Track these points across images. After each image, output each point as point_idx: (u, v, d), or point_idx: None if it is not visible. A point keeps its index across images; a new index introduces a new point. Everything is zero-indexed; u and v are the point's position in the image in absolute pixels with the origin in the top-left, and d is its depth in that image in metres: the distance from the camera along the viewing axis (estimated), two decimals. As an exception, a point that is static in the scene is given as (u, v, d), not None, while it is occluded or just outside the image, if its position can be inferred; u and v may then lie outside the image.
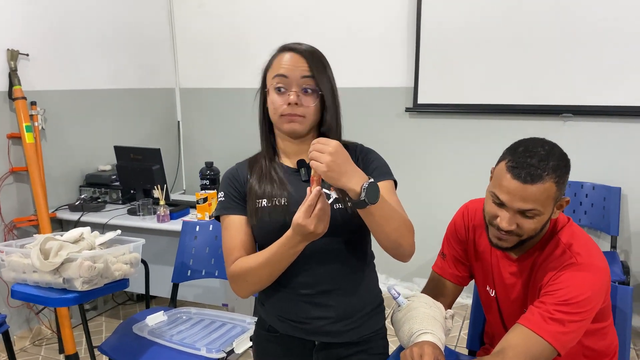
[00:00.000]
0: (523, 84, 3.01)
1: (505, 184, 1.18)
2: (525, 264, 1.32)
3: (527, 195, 1.15)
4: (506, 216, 1.19)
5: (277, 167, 1.27)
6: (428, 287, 1.51)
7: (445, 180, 3.31)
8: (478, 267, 1.45)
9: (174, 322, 2.13)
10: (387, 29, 3.30)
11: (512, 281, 1.35)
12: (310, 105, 1.18)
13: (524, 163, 1.16)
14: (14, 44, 2.71)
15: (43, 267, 1.59)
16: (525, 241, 1.24)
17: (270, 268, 1.16)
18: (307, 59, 1.19)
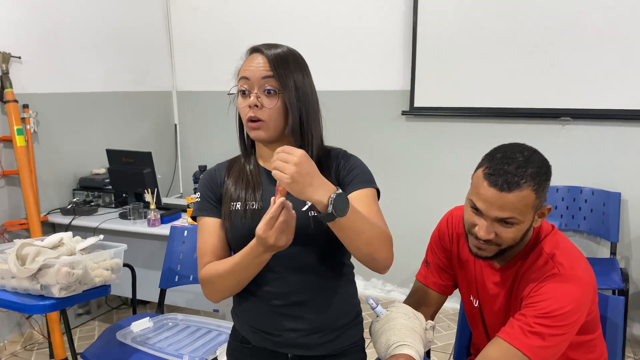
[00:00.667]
0: (521, 87, 2.96)
1: (482, 191, 1.14)
2: (509, 274, 1.27)
3: (504, 204, 1.11)
4: (484, 225, 1.15)
5: (255, 170, 1.23)
6: (411, 296, 1.47)
7: (442, 185, 3.26)
8: (462, 276, 1.41)
9: (159, 328, 2.09)
10: (383, 31, 3.26)
11: (496, 291, 1.31)
12: (270, 107, 1.13)
13: (500, 170, 1.12)
14: (5, 46, 2.70)
15: (20, 273, 1.57)
16: (506, 250, 1.20)
17: (237, 276, 1.12)
18: (270, 59, 1.14)
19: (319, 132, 1.22)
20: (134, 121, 3.60)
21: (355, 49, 3.35)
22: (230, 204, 1.20)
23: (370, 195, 1.19)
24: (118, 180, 2.89)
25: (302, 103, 1.16)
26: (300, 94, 1.15)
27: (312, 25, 3.41)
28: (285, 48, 1.19)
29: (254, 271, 1.11)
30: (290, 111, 1.14)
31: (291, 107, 1.14)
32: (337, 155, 1.25)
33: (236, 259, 1.10)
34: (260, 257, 1.06)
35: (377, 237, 1.09)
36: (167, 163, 3.92)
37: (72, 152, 3.12)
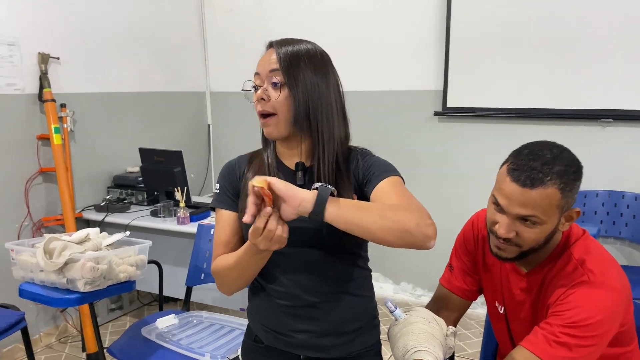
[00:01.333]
0: (559, 87, 2.85)
1: (504, 187, 1.09)
2: (535, 280, 1.21)
3: (526, 201, 1.05)
4: (504, 222, 1.10)
5: (275, 166, 1.21)
6: (434, 301, 1.42)
7: (475, 187, 3.15)
8: (487, 281, 1.35)
9: (184, 325, 2.11)
10: (416, 29, 3.20)
11: (522, 298, 1.25)
12: (274, 98, 1.10)
13: (525, 166, 1.06)
14: (45, 47, 2.79)
15: (47, 267, 1.60)
16: (528, 253, 1.14)
17: (239, 270, 1.12)
18: (278, 51, 1.12)
19: (334, 131, 1.17)
20: (168, 121, 3.65)
21: (387, 48, 3.30)
22: (247, 200, 1.19)
23: (395, 181, 1.13)
24: (150, 178, 2.94)
25: (310, 98, 1.12)
26: (309, 89, 1.12)
27: (343, 24, 3.38)
28: (303, 44, 1.16)
29: (256, 267, 1.10)
30: (293, 103, 1.11)
31: (294, 99, 1.11)
32: (356, 154, 1.21)
33: (239, 254, 1.10)
34: (257, 255, 1.06)
35: (391, 216, 0.99)
36: (200, 163, 3.97)
37: (107, 151, 3.19)
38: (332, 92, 1.16)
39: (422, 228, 0.99)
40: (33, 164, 2.79)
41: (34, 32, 2.75)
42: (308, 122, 1.13)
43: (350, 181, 1.16)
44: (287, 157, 1.21)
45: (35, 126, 2.79)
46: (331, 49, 1.22)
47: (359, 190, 1.16)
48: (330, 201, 0.98)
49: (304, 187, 1.16)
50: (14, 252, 1.76)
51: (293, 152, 1.20)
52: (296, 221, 1.07)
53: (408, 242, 0.99)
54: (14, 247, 1.77)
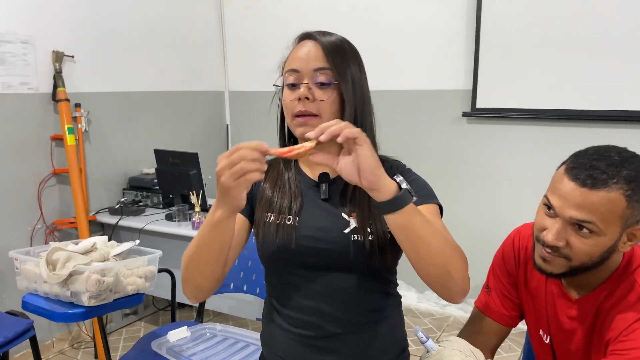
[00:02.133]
0: (600, 87, 2.65)
1: (559, 186, 0.94)
2: (588, 307, 1.05)
3: (583, 202, 0.90)
4: (555, 227, 0.95)
5: (295, 177, 1.09)
6: (468, 326, 1.27)
7: (507, 194, 2.99)
8: (529, 307, 1.20)
9: (197, 339, 1.99)
10: (443, 25, 3.04)
11: (572, 327, 1.09)
12: (323, 99, 0.99)
13: (587, 164, 0.92)
14: (59, 45, 2.71)
15: (49, 279, 1.51)
16: (578, 270, 0.98)
17: (201, 245, 0.96)
18: (324, 48, 1.00)
19: (373, 134, 1.08)
20: (186, 121, 3.56)
21: (412, 45, 3.14)
22: (265, 214, 1.06)
23: (433, 211, 1.02)
24: (165, 180, 2.85)
25: (357, 98, 1.01)
26: (357, 89, 1.01)
27: (367, 21, 3.23)
28: (339, 37, 1.05)
29: (209, 235, 0.93)
30: (347, 104, 1.00)
31: (348, 100, 1.00)
32: (390, 166, 1.08)
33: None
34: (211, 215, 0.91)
35: (451, 246, 0.92)
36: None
37: (122, 152, 3.11)
38: (369, 90, 1.07)
39: (465, 281, 0.94)
40: (46, 166, 2.71)
41: (48, 29, 2.67)
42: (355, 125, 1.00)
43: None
44: (312, 164, 1.09)
45: (49, 126, 2.71)
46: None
47: None
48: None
49: (328, 202, 1.04)
50: (18, 262, 1.67)
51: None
52: (320, 241, 0.95)
53: (444, 285, 0.92)
54: (18, 257, 1.67)
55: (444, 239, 0.91)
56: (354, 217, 1.00)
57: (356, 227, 0.98)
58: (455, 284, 0.92)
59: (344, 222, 0.99)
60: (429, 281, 0.93)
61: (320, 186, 1.05)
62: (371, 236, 0.98)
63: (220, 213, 0.89)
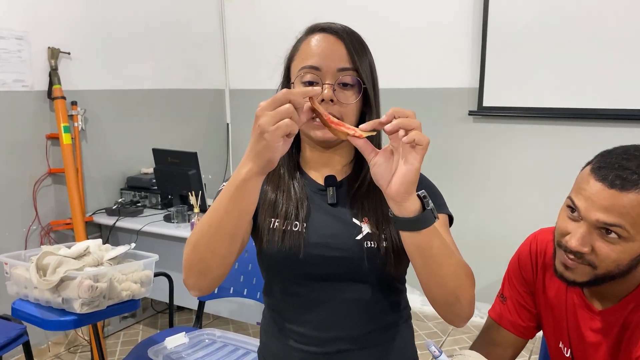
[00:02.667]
0: (611, 85, 2.57)
1: (585, 187, 0.87)
2: (613, 320, 0.98)
3: (611, 205, 0.83)
4: (579, 231, 0.87)
5: (300, 180, 1.01)
6: (482, 338, 1.20)
7: (515, 195, 2.92)
8: (548, 317, 1.12)
9: (195, 345, 1.92)
10: (451, 23, 2.96)
11: (595, 340, 1.02)
12: (350, 103, 0.92)
13: (615, 164, 0.85)
14: (55, 42, 2.64)
15: (40, 285, 1.44)
16: (603, 280, 0.91)
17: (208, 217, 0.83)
18: (346, 43, 0.92)
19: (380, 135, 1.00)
20: (186, 120, 3.49)
21: (419, 43, 3.07)
22: (269, 219, 0.98)
23: (443, 223, 0.95)
24: (163, 180, 2.77)
25: (377, 102, 0.97)
26: (377, 87, 0.96)
27: (371, 18, 3.16)
28: (354, 31, 0.99)
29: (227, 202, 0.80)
30: (373, 109, 0.95)
31: (374, 104, 0.95)
32: None
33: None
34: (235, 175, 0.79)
35: (464, 270, 0.86)
36: (219, 163, 3.79)
37: (120, 151, 3.04)
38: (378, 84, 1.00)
39: (472, 307, 0.89)
40: (42, 165, 2.64)
41: (44, 25, 2.60)
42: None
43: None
44: (317, 166, 1.01)
45: (45, 125, 2.64)
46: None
47: None
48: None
49: (336, 207, 0.96)
50: (7, 266, 1.60)
51: (328, 160, 1.00)
52: (330, 249, 0.88)
53: (451, 310, 0.87)
54: (8, 261, 1.60)
55: (457, 263, 0.85)
56: (366, 223, 0.93)
57: (369, 232, 0.91)
58: (462, 309, 0.87)
59: (356, 228, 0.91)
60: (436, 304, 0.88)
61: (327, 190, 0.97)
62: (385, 242, 0.91)
63: (249, 168, 0.76)
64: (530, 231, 1.19)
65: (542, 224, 1.20)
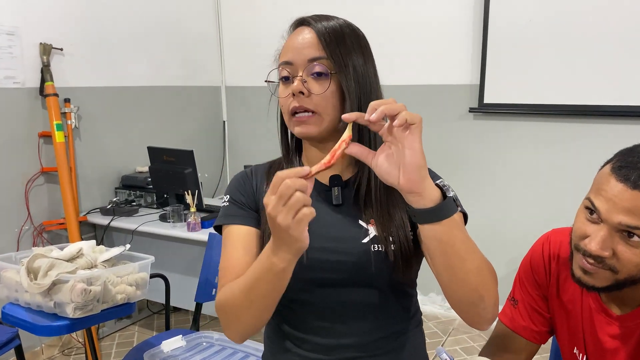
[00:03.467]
0: (612, 82, 2.53)
1: (606, 188, 0.83)
2: (633, 326, 0.94)
3: (635, 206, 0.79)
4: (600, 235, 0.83)
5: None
6: (493, 343, 1.15)
7: (516, 193, 2.88)
8: (562, 322, 1.08)
9: (192, 349, 1.87)
10: (451, 18, 2.91)
11: (613, 347, 0.98)
12: (320, 93, 0.86)
13: (638, 163, 0.80)
14: (47, 37, 2.57)
15: (30, 289, 1.38)
16: (624, 285, 0.86)
17: (248, 296, 0.81)
18: (320, 34, 0.88)
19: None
20: (181, 117, 3.43)
21: (417, 39, 3.02)
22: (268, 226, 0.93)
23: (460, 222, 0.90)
24: (159, 179, 2.72)
25: (362, 89, 0.88)
26: (361, 79, 0.88)
27: (372, 15, 3.10)
28: (341, 20, 0.93)
29: (268, 287, 0.80)
30: (348, 97, 0.87)
31: (349, 91, 0.87)
32: None
33: (249, 271, 0.82)
34: (269, 264, 0.76)
35: (488, 268, 0.82)
36: (215, 162, 3.74)
37: (115, 149, 2.98)
38: (378, 81, 0.94)
39: (496, 308, 0.85)
40: (34, 164, 2.58)
41: (36, 20, 2.53)
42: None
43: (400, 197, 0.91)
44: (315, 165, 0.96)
45: (37, 123, 2.58)
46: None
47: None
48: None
49: (341, 208, 0.92)
50: (-3, 268, 1.54)
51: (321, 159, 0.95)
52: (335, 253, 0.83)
53: (474, 310, 0.83)
54: (-2, 263, 1.55)
55: (480, 258, 0.81)
56: (372, 225, 0.88)
57: (376, 235, 0.86)
58: (485, 310, 0.82)
59: (362, 230, 0.87)
60: (459, 305, 0.83)
61: (331, 190, 0.93)
62: (393, 245, 0.86)
63: (283, 259, 0.75)
64: (533, 228, 1.15)
65: (545, 222, 1.16)
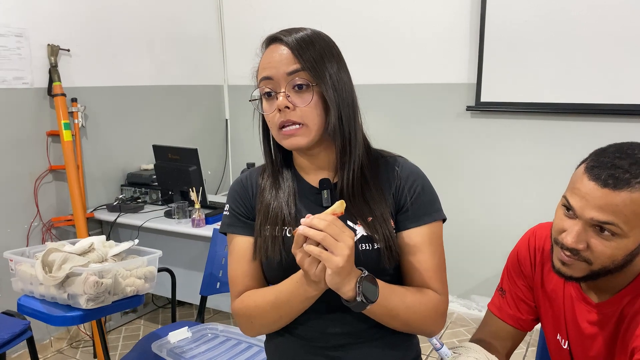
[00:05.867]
0: (607, 80, 2.59)
1: (579, 186, 0.90)
2: (610, 313, 1.01)
3: (605, 204, 0.86)
4: (575, 229, 0.90)
5: (295, 184, 1.03)
6: (482, 330, 1.22)
7: (512, 190, 2.95)
8: (546, 310, 1.15)
9: (198, 339, 1.95)
10: (448, 16, 2.97)
11: (592, 332, 1.05)
12: (304, 105, 0.92)
13: (608, 163, 0.87)
14: (54, 39, 2.64)
15: (45, 281, 1.45)
16: (599, 274, 0.94)
17: (278, 311, 0.94)
18: (292, 46, 0.93)
19: (361, 134, 1.01)
20: (185, 116, 3.50)
21: (414, 37, 3.08)
22: (264, 227, 1.00)
23: (437, 232, 0.99)
24: (164, 177, 2.79)
25: (339, 95, 0.94)
26: (337, 84, 0.94)
27: (370, 15, 3.16)
28: (308, 31, 0.98)
29: (299, 307, 0.93)
30: (330, 106, 0.93)
31: (330, 100, 0.93)
32: (396, 167, 1.02)
33: (279, 290, 0.93)
34: (306, 293, 0.89)
35: (419, 315, 0.95)
36: (218, 159, 3.81)
37: (120, 147, 3.05)
38: (352, 86, 0.99)
39: (434, 333, 1.00)
40: (43, 162, 2.66)
41: (44, 22, 2.60)
42: (340, 128, 0.94)
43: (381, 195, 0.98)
44: (310, 171, 1.03)
45: (45, 122, 2.65)
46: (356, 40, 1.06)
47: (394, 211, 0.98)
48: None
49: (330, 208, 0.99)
50: (13, 262, 1.62)
51: (317, 164, 1.02)
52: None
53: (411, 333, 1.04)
54: (13, 257, 1.62)
55: (411, 310, 0.94)
56: (360, 225, 0.95)
57: (364, 235, 0.93)
58: (421, 333, 1.00)
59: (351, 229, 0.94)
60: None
61: (321, 193, 0.99)
62: (379, 243, 0.93)
63: (316, 289, 0.88)
64: (529, 226, 1.22)
65: (540, 219, 1.23)
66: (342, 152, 0.97)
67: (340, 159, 0.97)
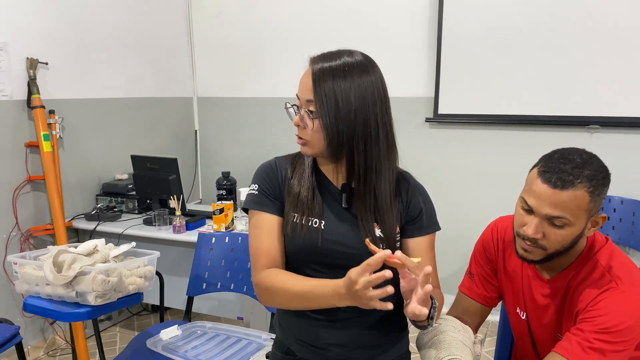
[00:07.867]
0: (548, 94, 2.93)
1: (534, 188, 1.12)
2: (559, 286, 1.24)
3: (556, 202, 1.08)
4: (533, 223, 1.12)
5: (321, 181, 1.18)
6: (455, 307, 1.44)
7: (468, 194, 3.22)
8: (508, 288, 1.37)
9: (188, 336, 2.07)
10: (406, 35, 3.24)
11: (545, 303, 1.28)
12: (309, 129, 1.09)
13: (556, 168, 1.10)
14: (33, 52, 2.71)
15: (56, 281, 1.56)
16: (553, 256, 1.16)
17: (304, 302, 1.08)
18: (314, 79, 1.07)
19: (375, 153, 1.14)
20: (156, 127, 3.60)
21: (377, 54, 3.30)
22: (292, 213, 1.14)
23: (433, 240, 1.21)
24: (143, 186, 2.89)
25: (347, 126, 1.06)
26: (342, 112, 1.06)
27: (332, 29, 3.39)
28: (340, 61, 1.09)
29: (323, 306, 1.05)
30: (326, 137, 1.07)
31: (326, 131, 1.07)
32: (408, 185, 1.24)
33: (312, 286, 1.05)
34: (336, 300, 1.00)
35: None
36: (188, 169, 3.92)
37: (96, 158, 3.12)
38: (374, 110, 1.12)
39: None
40: (21, 173, 2.70)
41: (23, 36, 2.67)
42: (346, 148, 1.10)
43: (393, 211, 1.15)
44: (330, 171, 1.19)
45: (24, 133, 2.71)
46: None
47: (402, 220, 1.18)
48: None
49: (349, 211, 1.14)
50: (17, 265, 1.70)
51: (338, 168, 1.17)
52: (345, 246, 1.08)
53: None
54: (17, 260, 1.71)
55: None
56: (377, 227, 1.12)
57: (380, 237, 1.11)
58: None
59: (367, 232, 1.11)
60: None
61: (342, 195, 1.15)
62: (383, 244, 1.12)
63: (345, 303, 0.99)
64: (483, 222, 1.45)
65: (492, 216, 1.46)
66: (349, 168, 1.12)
67: (348, 169, 1.13)
